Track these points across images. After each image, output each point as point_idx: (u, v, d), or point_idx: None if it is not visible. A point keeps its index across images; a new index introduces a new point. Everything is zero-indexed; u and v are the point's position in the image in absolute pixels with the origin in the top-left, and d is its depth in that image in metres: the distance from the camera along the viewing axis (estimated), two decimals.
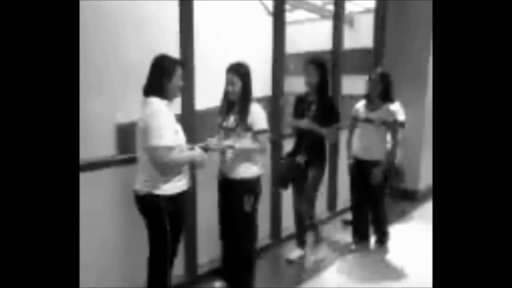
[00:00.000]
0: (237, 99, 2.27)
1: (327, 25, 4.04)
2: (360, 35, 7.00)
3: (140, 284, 2.09)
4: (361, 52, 5.66)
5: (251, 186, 2.31)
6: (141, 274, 2.05)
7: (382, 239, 3.23)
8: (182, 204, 2.06)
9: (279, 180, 2.90)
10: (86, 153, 2.22)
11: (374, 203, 3.14)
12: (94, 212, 2.08)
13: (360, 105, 3.08)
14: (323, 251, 3.12)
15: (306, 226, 3.00)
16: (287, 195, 3.13)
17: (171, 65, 1.93)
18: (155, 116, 1.83)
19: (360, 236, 3.24)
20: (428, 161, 4.42)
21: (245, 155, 2.27)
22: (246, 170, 2.30)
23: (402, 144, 3.50)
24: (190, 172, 2.15)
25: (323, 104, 2.80)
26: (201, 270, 2.71)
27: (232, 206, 2.33)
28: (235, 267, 2.44)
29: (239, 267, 2.42)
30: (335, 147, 3.73)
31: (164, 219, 1.93)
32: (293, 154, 2.88)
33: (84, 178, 1.99)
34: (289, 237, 3.31)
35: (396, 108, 3.34)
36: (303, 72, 2.82)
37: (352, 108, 3.16)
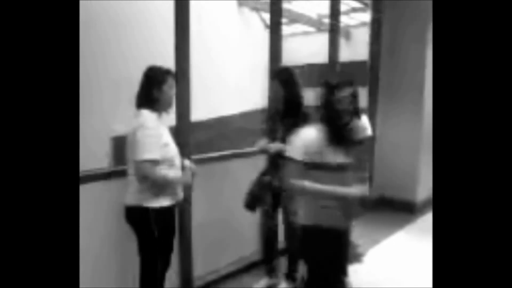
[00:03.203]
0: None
1: (324, 38, 4.07)
2: (357, 48, 7.08)
3: None
4: (358, 65, 5.71)
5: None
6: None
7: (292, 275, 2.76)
8: (173, 216, 2.04)
9: (248, 201, 2.52)
10: (81, 165, 2.21)
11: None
12: (87, 225, 2.05)
13: None
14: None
15: (276, 252, 2.73)
16: None
17: (161, 75, 1.92)
18: (142, 129, 1.82)
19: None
20: (425, 173, 4.42)
21: None
22: None
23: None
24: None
25: (295, 120, 2.41)
26: (197, 283, 2.67)
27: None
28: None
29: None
30: None
31: (153, 231, 1.90)
32: (266, 174, 2.55)
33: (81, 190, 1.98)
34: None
35: (364, 122, 3.13)
36: (269, 88, 2.50)
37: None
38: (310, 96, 2.64)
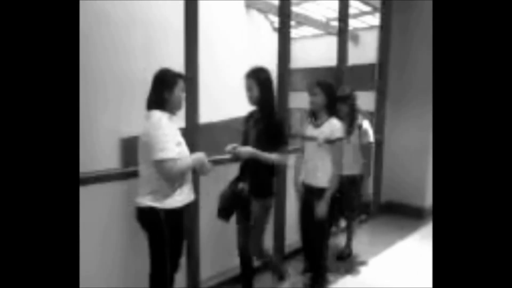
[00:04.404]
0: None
1: (332, 41, 4.06)
2: (365, 52, 7.07)
3: None
4: (365, 68, 5.68)
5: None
6: None
7: (312, 283, 2.79)
8: (183, 218, 2.05)
9: (220, 211, 2.39)
10: (91, 166, 2.23)
11: (313, 238, 2.71)
12: (96, 226, 2.06)
13: (308, 121, 2.75)
14: None
15: (252, 268, 2.60)
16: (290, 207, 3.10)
17: (172, 78, 1.96)
18: (156, 128, 1.84)
19: (306, 268, 2.89)
20: None
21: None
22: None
23: (366, 168, 3.17)
24: (192, 185, 2.14)
25: (268, 123, 2.35)
26: (204, 285, 2.67)
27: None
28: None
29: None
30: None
31: (164, 233, 1.92)
32: (237, 181, 2.43)
33: (88, 191, 1.99)
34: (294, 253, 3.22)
35: (366, 127, 3.11)
36: (245, 87, 2.38)
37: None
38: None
